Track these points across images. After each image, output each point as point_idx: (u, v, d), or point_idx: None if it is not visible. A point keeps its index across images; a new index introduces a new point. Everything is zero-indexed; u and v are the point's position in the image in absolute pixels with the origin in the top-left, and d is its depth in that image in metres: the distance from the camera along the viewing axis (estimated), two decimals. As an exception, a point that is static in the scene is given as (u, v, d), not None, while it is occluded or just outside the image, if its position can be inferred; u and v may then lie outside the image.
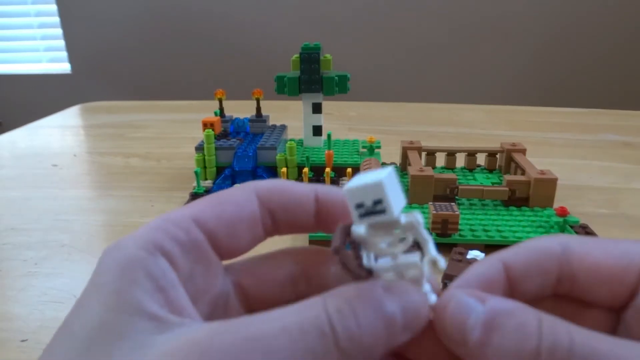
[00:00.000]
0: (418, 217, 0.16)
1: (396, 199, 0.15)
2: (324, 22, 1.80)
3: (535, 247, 0.17)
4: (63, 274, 0.41)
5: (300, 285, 0.20)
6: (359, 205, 0.15)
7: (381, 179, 0.15)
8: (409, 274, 0.16)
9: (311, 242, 0.42)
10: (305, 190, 0.19)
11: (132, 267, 0.15)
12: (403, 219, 0.16)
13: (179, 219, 0.17)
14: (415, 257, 0.16)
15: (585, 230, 0.43)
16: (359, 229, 0.16)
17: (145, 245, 0.16)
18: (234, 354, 0.13)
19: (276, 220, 0.19)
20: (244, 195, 0.18)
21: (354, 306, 0.14)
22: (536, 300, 0.18)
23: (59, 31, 1.95)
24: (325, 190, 0.19)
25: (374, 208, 0.15)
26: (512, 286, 0.17)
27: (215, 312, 0.18)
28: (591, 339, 0.14)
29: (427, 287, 0.16)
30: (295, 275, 0.20)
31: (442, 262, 0.16)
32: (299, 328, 0.13)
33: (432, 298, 0.16)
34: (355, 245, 0.16)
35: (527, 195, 0.47)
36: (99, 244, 0.46)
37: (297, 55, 0.58)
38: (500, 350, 0.14)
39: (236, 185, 0.19)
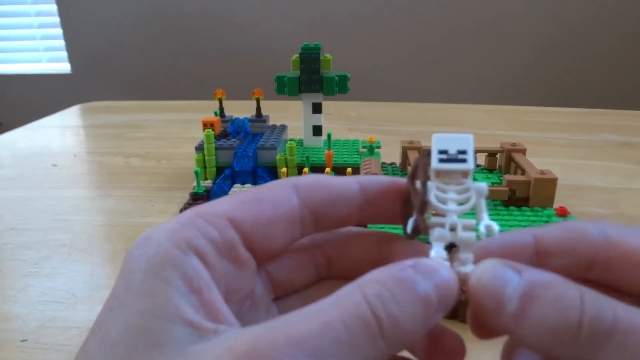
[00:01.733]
0: (485, 186, 0.17)
1: (473, 157, 0.17)
2: (324, 22, 1.80)
3: (573, 228, 0.17)
4: (63, 274, 0.41)
5: (322, 266, 0.20)
6: (442, 152, 0.17)
7: (469, 135, 0.17)
8: (462, 235, 0.17)
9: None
10: (348, 182, 0.18)
11: (166, 266, 0.15)
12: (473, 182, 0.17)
13: (213, 216, 0.16)
14: (472, 221, 0.17)
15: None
16: (440, 165, 0.17)
17: (178, 242, 0.15)
18: (280, 353, 0.12)
19: (318, 218, 0.18)
20: (283, 194, 0.17)
21: (393, 290, 0.14)
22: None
23: (59, 31, 1.95)
24: (368, 179, 0.19)
25: (457, 156, 0.17)
26: (539, 262, 0.17)
27: (243, 307, 0.17)
28: (635, 315, 0.13)
29: (470, 256, 0.16)
30: (323, 266, 0.19)
31: (497, 228, 0.17)
32: (341, 322, 0.13)
33: (469, 268, 0.16)
34: (425, 185, 0.17)
35: (527, 195, 0.47)
36: (99, 244, 0.46)
37: (297, 55, 0.58)
38: (538, 322, 0.14)
39: (275, 181, 0.18)
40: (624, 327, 0.13)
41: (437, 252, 0.16)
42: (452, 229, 0.17)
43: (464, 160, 0.17)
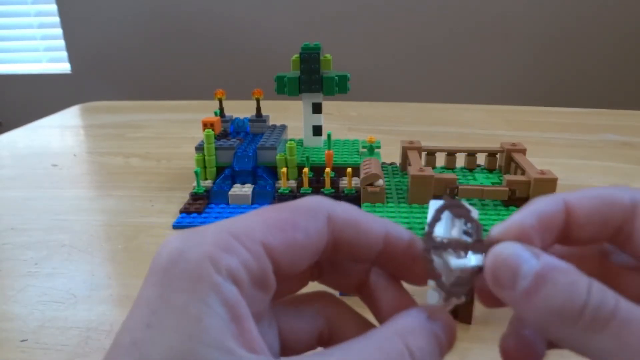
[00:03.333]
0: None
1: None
2: (324, 22, 1.80)
3: (603, 195, 0.18)
4: (63, 274, 0.41)
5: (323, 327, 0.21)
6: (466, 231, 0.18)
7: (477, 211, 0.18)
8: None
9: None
10: (377, 226, 0.19)
11: (209, 291, 0.15)
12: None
13: (249, 240, 0.16)
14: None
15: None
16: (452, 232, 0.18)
17: (218, 266, 0.15)
18: None
19: (339, 250, 0.19)
20: (316, 224, 0.18)
21: (425, 342, 0.16)
22: (588, 249, 0.19)
23: (59, 31, 1.95)
24: (397, 231, 0.19)
25: (490, 240, 0.17)
26: (569, 228, 0.18)
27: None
28: (634, 309, 0.15)
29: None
30: (319, 323, 0.20)
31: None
32: None
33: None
34: (429, 249, 0.18)
35: (527, 195, 0.47)
36: (99, 244, 0.46)
37: (297, 55, 0.58)
38: (546, 301, 0.15)
39: (310, 201, 0.18)
40: (622, 317, 0.14)
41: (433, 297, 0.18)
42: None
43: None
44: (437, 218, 0.18)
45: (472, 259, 0.17)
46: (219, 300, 0.14)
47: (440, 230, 0.18)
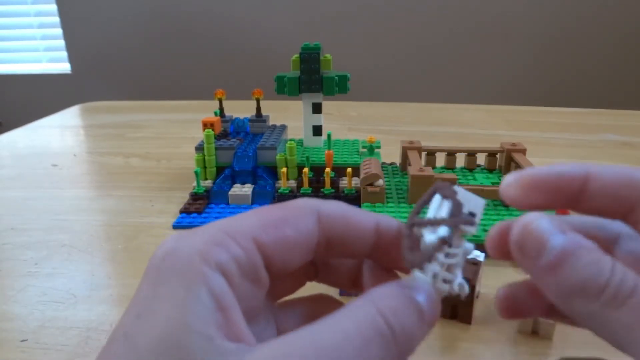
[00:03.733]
0: (471, 246, 0.17)
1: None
2: (324, 22, 1.80)
3: (626, 174, 0.18)
4: (63, 274, 0.41)
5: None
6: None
7: (484, 201, 0.18)
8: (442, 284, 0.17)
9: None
10: (367, 219, 0.19)
11: (197, 282, 0.15)
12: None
13: (241, 237, 0.17)
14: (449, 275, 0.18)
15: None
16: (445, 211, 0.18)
17: (208, 259, 0.16)
18: None
19: (331, 247, 0.19)
20: (305, 220, 0.18)
21: (400, 305, 0.15)
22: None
23: (59, 31, 1.95)
24: (387, 221, 0.19)
25: (467, 217, 0.17)
26: (583, 196, 0.18)
27: (252, 326, 0.18)
28: None
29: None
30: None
31: (467, 288, 0.17)
32: (359, 334, 0.14)
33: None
34: (413, 233, 0.18)
35: (527, 195, 0.47)
36: (99, 244, 0.46)
37: (297, 55, 0.58)
38: (570, 276, 0.15)
39: (299, 201, 0.19)
40: None
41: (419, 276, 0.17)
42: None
43: (471, 223, 0.17)
44: (425, 200, 0.18)
45: (440, 231, 0.17)
46: (205, 290, 0.15)
47: (430, 213, 0.18)
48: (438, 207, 0.18)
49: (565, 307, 0.16)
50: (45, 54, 2.04)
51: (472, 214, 0.18)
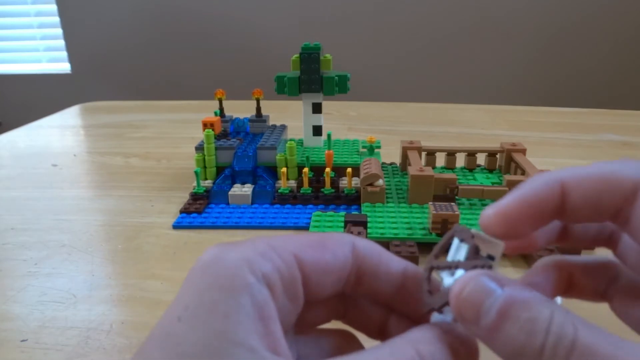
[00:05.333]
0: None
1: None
2: (324, 22, 1.80)
3: (605, 174, 0.17)
4: (63, 274, 0.41)
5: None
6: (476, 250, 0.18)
7: (502, 243, 0.18)
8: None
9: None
10: (397, 260, 0.20)
11: (242, 291, 0.15)
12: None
13: (284, 252, 0.17)
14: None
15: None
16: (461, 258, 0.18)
17: (254, 271, 0.16)
18: None
19: (361, 282, 0.19)
20: (342, 249, 0.19)
21: (438, 350, 0.16)
22: (588, 227, 0.19)
23: (59, 31, 1.95)
24: (414, 266, 0.20)
25: (484, 260, 0.17)
26: (564, 209, 0.17)
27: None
28: (596, 337, 0.14)
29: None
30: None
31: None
32: None
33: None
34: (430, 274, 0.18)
35: (527, 195, 0.47)
36: (99, 244, 0.46)
37: (297, 55, 0.58)
38: (508, 338, 0.15)
39: (336, 233, 0.20)
40: (581, 352, 0.14)
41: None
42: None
43: (489, 266, 0.17)
44: (444, 243, 0.19)
45: (457, 275, 0.17)
46: (249, 299, 0.15)
47: (449, 256, 0.18)
48: (456, 250, 0.18)
49: None
50: (45, 54, 2.04)
51: (490, 257, 0.18)
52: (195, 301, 0.15)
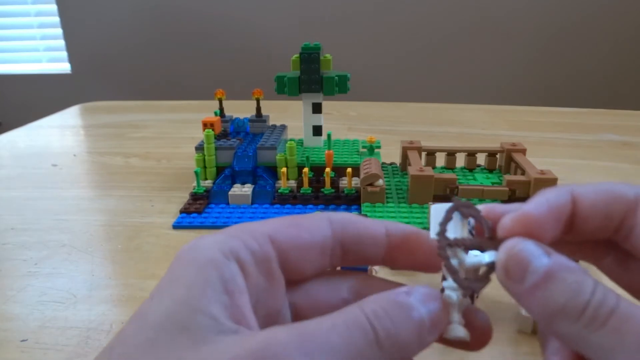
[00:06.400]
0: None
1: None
2: (324, 22, 1.80)
3: (608, 189, 0.18)
4: (63, 274, 0.41)
5: None
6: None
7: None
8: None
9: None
10: (376, 223, 0.20)
11: (207, 267, 0.16)
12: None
13: (256, 231, 0.18)
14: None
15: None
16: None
17: (222, 249, 0.17)
18: (294, 346, 0.14)
19: (346, 252, 0.20)
20: (319, 224, 0.19)
21: (386, 309, 0.16)
22: (593, 242, 0.20)
23: (59, 31, 1.95)
24: (394, 226, 0.20)
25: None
26: (575, 220, 0.18)
27: (268, 325, 0.19)
28: (634, 308, 0.15)
29: (456, 317, 0.18)
30: (349, 302, 0.20)
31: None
32: (345, 325, 0.15)
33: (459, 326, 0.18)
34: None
35: (527, 195, 0.47)
36: (99, 244, 0.46)
37: (297, 55, 0.58)
38: (552, 298, 0.15)
39: (312, 213, 0.20)
40: (621, 314, 0.15)
41: (453, 317, 0.18)
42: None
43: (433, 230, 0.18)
44: (448, 218, 0.18)
45: (486, 256, 0.17)
46: (215, 273, 0.16)
47: (450, 231, 0.18)
48: (458, 226, 0.18)
49: (550, 329, 0.16)
50: (45, 54, 2.04)
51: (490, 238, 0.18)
52: (165, 279, 0.17)
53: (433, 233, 0.18)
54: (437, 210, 0.19)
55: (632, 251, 0.18)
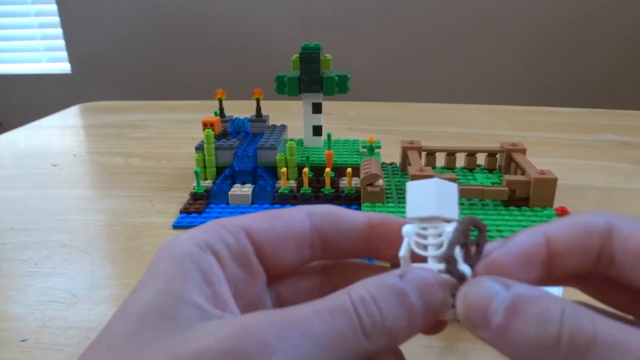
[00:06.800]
0: (453, 227, 0.17)
1: (437, 202, 0.18)
2: (324, 22, 1.80)
3: (579, 223, 0.17)
4: (63, 274, 0.41)
5: None
6: (416, 199, 0.18)
7: (434, 179, 0.18)
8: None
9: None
10: (358, 215, 0.20)
11: (185, 260, 0.17)
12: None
13: (231, 225, 0.18)
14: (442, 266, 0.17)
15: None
16: (412, 213, 0.18)
17: (199, 243, 0.17)
18: (275, 331, 0.14)
19: (327, 244, 0.20)
20: (296, 216, 0.19)
21: (374, 294, 0.15)
22: (575, 276, 0.18)
23: (59, 31, 1.95)
24: (378, 216, 0.20)
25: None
26: (552, 260, 0.17)
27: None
28: (614, 330, 0.14)
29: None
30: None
31: (469, 272, 0.17)
32: (328, 311, 0.15)
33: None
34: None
35: (527, 195, 0.47)
36: (99, 244, 0.46)
37: (297, 55, 0.58)
38: (521, 335, 0.14)
39: (292, 207, 0.20)
40: (603, 342, 0.13)
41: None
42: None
43: (430, 207, 0.17)
44: (463, 234, 0.17)
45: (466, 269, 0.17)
46: (193, 265, 0.17)
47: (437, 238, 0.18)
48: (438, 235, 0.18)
49: None
50: (45, 54, 2.04)
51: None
52: (146, 275, 0.17)
53: (410, 212, 0.18)
54: (414, 187, 0.18)
55: (618, 278, 0.17)
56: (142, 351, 0.14)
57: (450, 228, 0.17)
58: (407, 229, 0.18)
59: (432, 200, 0.17)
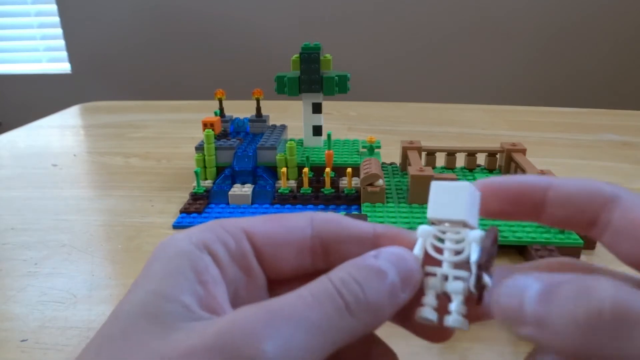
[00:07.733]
0: (478, 234, 0.17)
1: (468, 207, 0.17)
2: (324, 22, 1.80)
3: (588, 184, 0.18)
4: (63, 274, 0.41)
5: None
6: (439, 200, 0.18)
7: (466, 183, 0.18)
8: (452, 285, 0.17)
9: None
10: (363, 225, 0.19)
11: (180, 258, 0.17)
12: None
13: (231, 226, 0.18)
14: (463, 272, 0.17)
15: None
16: (434, 214, 0.18)
17: (196, 242, 0.17)
18: (260, 322, 0.14)
19: (328, 252, 0.19)
20: (298, 222, 0.19)
21: (353, 273, 0.16)
22: (564, 226, 0.19)
23: (59, 31, 1.95)
24: (384, 227, 0.19)
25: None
26: (545, 205, 0.18)
27: None
28: None
29: (461, 306, 0.17)
30: None
31: (489, 281, 0.17)
32: (312, 296, 0.15)
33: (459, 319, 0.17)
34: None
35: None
36: (99, 244, 0.46)
37: (297, 55, 0.58)
38: (561, 316, 0.13)
39: (298, 212, 0.20)
40: None
41: (428, 299, 0.17)
42: (445, 278, 0.17)
43: (459, 211, 0.17)
44: (491, 244, 0.17)
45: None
46: (187, 264, 0.16)
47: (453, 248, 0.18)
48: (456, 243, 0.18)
49: (575, 355, 0.13)
50: (45, 54, 2.04)
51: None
52: (141, 274, 0.17)
53: (435, 212, 0.18)
54: (441, 188, 0.18)
55: (607, 247, 0.17)
56: (128, 354, 0.14)
57: (476, 235, 0.17)
58: (423, 229, 0.18)
59: (462, 205, 0.17)
